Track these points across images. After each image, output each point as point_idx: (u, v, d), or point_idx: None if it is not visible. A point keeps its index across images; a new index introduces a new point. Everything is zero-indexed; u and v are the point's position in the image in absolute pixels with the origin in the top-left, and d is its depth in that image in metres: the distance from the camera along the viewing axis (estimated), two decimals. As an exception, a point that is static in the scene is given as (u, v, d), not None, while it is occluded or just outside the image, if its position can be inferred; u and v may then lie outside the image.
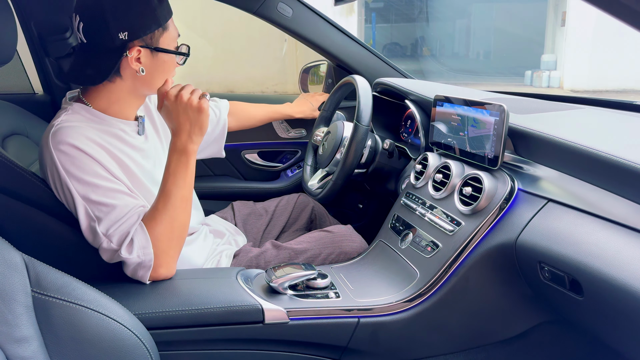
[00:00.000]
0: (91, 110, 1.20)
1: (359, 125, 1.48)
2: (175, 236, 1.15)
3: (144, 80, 1.20)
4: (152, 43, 1.17)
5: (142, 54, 1.17)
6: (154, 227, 1.12)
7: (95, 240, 1.12)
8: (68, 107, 1.19)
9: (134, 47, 1.15)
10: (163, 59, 1.20)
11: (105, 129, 1.19)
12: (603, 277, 0.88)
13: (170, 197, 1.14)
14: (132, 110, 1.27)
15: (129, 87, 1.21)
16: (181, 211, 1.15)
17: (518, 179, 1.16)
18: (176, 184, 1.15)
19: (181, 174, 1.16)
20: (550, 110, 1.36)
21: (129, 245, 1.10)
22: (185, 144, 1.16)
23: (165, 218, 1.13)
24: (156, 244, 1.12)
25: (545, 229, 1.03)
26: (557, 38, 11.82)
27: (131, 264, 1.11)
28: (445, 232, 1.22)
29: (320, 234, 1.46)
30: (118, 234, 1.10)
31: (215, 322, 1.09)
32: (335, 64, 2.13)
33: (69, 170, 1.10)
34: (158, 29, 1.17)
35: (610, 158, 0.95)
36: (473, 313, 1.20)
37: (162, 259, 1.13)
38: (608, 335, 1.00)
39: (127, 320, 0.89)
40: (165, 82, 1.20)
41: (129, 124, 1.26)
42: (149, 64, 1.18)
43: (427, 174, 1.39)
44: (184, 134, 1.16)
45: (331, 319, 1.15)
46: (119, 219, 1.10)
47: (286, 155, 2.19)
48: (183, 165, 1.16)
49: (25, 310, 0.80)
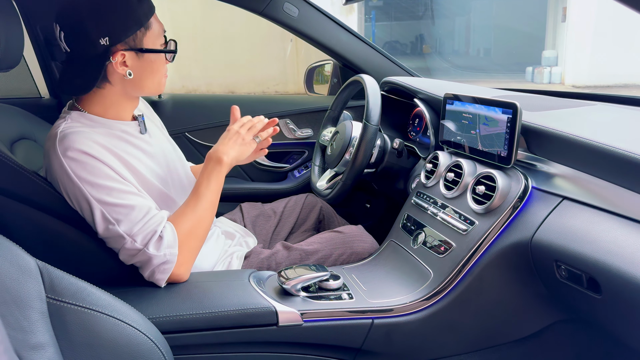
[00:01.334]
0: (88, 116, 1.19)
1: (368, 125, 1.47)
2: (199, 237, 1.18)
3: (133, 83, 1.19)
4: (136, 45, 1.16)
5: (127, 57, 1.15)
6: (182, 223, 1.16)
7: (116, 241, 1.11)
8: (66, 116, 1.18)
9: (118, 52, 1.14)
10: (150, 59, 1.19)
11: (108, 132, 1.19)
12: (622, 275, 0.87)
13: (201, 199, 1.20)
14: (129, 112, 1.26)
15: (120, 92, 1.20)
16: (208, 214, 1.20)
17: (532, 177, 1.15)
18: (209, 187, 1.21)
19: (214, 179, 1.22)
20: (562, 107, 1.35)
21: (157, 242, 1.11)
22: (223, 157, 1.24)
23: (193, 218, 1.17)
24: (183, 241, 1.14)
25: (561, 227, 1.02)
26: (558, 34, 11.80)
27: (155, 263, 1.11)
28: (459, 231, 1.21)
29: (331, 235, 1.45)
30: (143, 233, 1.10)
31: (229, 325, 1.08)
32: (341, 64, 2.12)
33: (81, 176, 1.09)
34: (140, 29, 1.15)
35: (627, 154, 0.95)
36: (487, 313, 1.19)
37: (183, 258, 1.14)
38: (626, 333, 0.99)
39: (141, 325, 0.88)
40: (232, 109, 1.34)
41: (129, 124, 1.25)
42: (135, 66, 1.17)
43: (438, 173, 1.38)
44: (226, 151, 1.25)
45: (345, 321, 1.14)
46: (140, 218, 1.11)
47: (293, 156, 2.18)
48: (217, 172, 1.23)
49: (40, 316, 0.79)
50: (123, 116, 1.25)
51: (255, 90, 9.56)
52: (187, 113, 2.13)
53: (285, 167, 2.16)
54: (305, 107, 2.17)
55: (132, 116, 1.28)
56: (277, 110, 2.14)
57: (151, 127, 1.34)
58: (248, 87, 9.58)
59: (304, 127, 2.15)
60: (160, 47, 1.21)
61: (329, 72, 2.29)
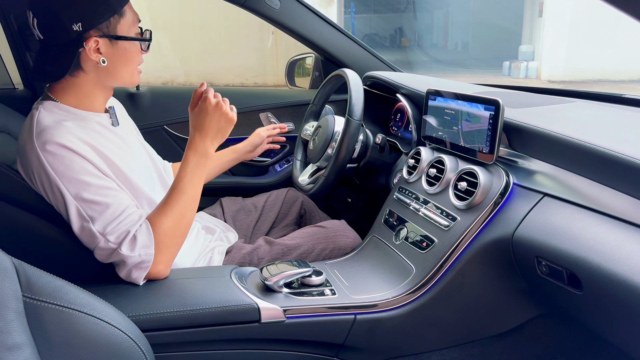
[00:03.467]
0: (62, 106, 1.16)
1: (351, 120, 1.46)
2: (180, 234, 1.15)
3: (107, 71, 1.17)
4: (109, 32, 1.13)
5: (101, 44, 1.13)
6: (162, 222, 1.12)
7: (91, 240, 1.08)
8: (39, 107, 1.15)
9: (91, 38, 1.11)
10: (124, 47, 1.16)
11: (83, 125, 1.15)
12: (603, 272, 0.88)
13: (183, 194, 1.16)
14: (101, 103, 1.23)
15: (93, 80, 1.17)
16: (190, 210, 1.17)
17: (513, 173, 1.16)
18: (192, 183, 1.17)
19: (198, 174, 1.18)
20: (543, 104, 1.36)
21: (131, 242, 1.08)
22: (208, 147, 1.19)
23: (174, 214, 1.14)
24: (162, 240, 1.11)
25: (542, 224, 1.03)
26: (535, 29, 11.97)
27: (130, 263, 1.08)
28: (441, 227, 1.21)
29: (313, 230, 1.44)
30: (116, 233, 1.07)
31: (210, 322, 1.07)
32: (323, 57, 2.11)
33: (59, 170, 1.06)
34: (113, 15, 1.13)
35: (608, 152, 0.96)
36: (469, 308, 1.20)
37: (163, 256, 1.12)
38: (607, 329, 1.01)
39: (121, 323, 0.87)
40: (201, 85, 1.23)
41: (102, 116, 1.22)
42: (109, 54, 1.15)
43: (420, 169, 1.38)
44: (208, 138, 1.19)
45: (328, 317, 1.13)
46: (115, 217, 1.08)
47: (274, 150, 2.16)
48: (201, 166, 1.18)
49: (16, 316, 0.77)
50: (96, 107, 1.22)
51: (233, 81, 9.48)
52: (166, 105, 2.10)
53: (266, 161, 2.14)
54: (287, 101, 2.15)
55: (104, 108, 1.25)
56: (259, 103, 2.12)
57: (122, 120, 1.31)
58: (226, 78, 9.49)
59: (285, 121, 2.13)
60: (134, 35, 1.18)
61: (311, 65, 2.28)
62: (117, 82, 1.21)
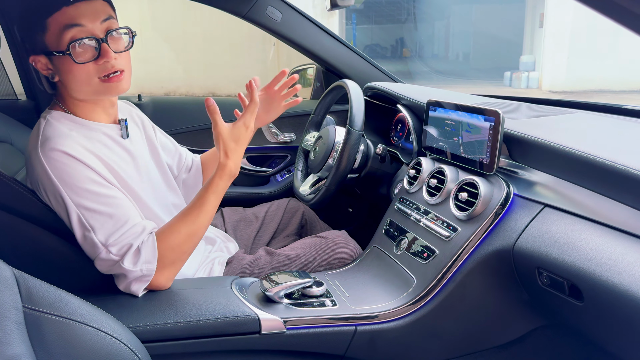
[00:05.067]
0: (69, 116, 1.17)
1: (352, 130, 1.46)
2: (187, 250, 1.15)
3: (66, 86, 1.15)
4: (43, 47, 1.12)
5: (45, 61, 1.13)
6: (173, 236, 1.12)
7: (92, 250, 1.08)
8: (47, 116, 1.15)
9: (33, 56, 1.13)
10: (60, 61, 1.11)
11: (90, 135, 1.16)
12: (604, 283, 0.88)
13: (202, 213, 1.15)
14: (103, 114, 1.22)
15: (67, 94, 1.17)
16: (204, 229, 1.17)
17: (513, 184, 1.16)
18: (214, 204, 1.17)
19: (220, 194, 1.18)
20: (543, 115, 1.37)
21: (134, 256, 1.08)
22: (236, 169, 1.19)
23: (188, 231, 1.13)
24: (168, 255, 1.11)
25: (543, 235, 1.03)
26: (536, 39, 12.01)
27: (131, 277, 1.08)
28: (442, 237, 1.21)
29: (314, 240, 1.44)
30: (119, 244, 1.07)
31: (211, 333, 1.07)
32: (324, 68, 2.12)
33: (62, 178, 1.07)
34: (37, 31, 1.11)
35: (608, 163, 0.96)
36: (470, 319, 1.20)
37: (167, 270, 1.12)
38: (608, 340, 1.00)
39: (121, 334, 0.87)
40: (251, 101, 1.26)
41: (111, 127, 1.22)
42: (55, 70, 1.14)
43: (421, 179, 1.39)
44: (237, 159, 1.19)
45: (328, 328, 1.13)
46: (118, 228, 1.08)
47: (276, 160, 2.17)
48: (224, 188, 1.19)
49: (16, 327, 0.77)
50: (102, 118, 1.21)
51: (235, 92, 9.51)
52: (168, 116, 2.11)
53: (268, 171, 2.15)
54: (288, 111, 2.15)
55: (113, 120, 1.25)
56: None
57: (133, 132, 1.31)
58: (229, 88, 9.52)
59: (286, 131, 2.14)
60: (64, 47, 1.08)
61: (312, 76, 2.29)
62: (82, 95, 1.16)
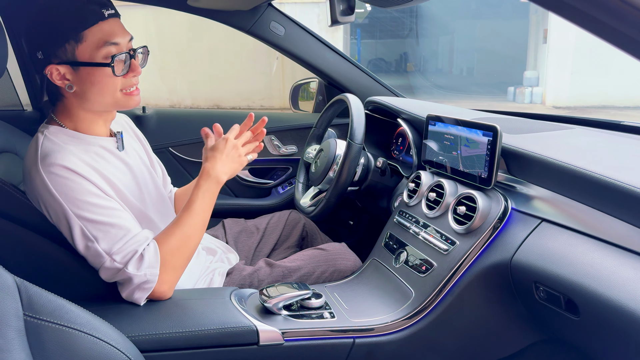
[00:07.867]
0: (66, 130, 1.18)
1: (352, 144, 1.48)
2: (186, 254, 1.18)
3: (81, 97, 1.16)
4: (68, 58, 1.13)
5: (65, 71, 1.13)
6: (169, 240, 1.15)
7: (96, 260, 1.10)
8: (44, 130, 1.17)
9: (51, 65, 1.12)
10: (87, 72, 1.13)
11: (87, 148, 1.18)
12: (599, 298, 0.88)
13: (193, 216, 1.19)
14: (103, 127, 1.24)
15: (77, 105, 1.18)
16: (198, 232, 1.20)
17: (511, 198, 1.17)
18: (202, 206, 1.21)
19: (208, 198, 1.22)
20: (541, 130, 1.38)
21: (138, 261, 1.10)
22: (219, 174, 1.24)
23: (181, 235, 1.17)
24: (168, 259, 1.13)
25: (540, 249, 1.04)
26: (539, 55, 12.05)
27: (136, 282, 1.10)
28: (440, 251, 1.22)
29: (314, 252, 1.45)
30: (123, 252, 1.09)
31: (209, 344, 1.07)
32: (326, 82, 2.14)
33: (64, 192, 1.08)
34: (68, 42, 1.11)
35: (605, 180, 0.97)
36: (468, 333, 1.20)
37: (168, 275, 1.13)
38: (604, 355, 1.00)
39: (120, 344, 0.87)
40: (214, 126, 1.33)
41: (107, 140, 1.24)
42: (76, 80, 1.14)
43: (420, 193, 1.40)
44: (219, 166, 1.25)
45: (326, 340, 1.13)
46: (120, 237, 1.10)
47: (277, 172, 2.18)
48: (212, 192, 1.23)
49: (17, 334, 0.78)
50: (99, 131, 1.23)
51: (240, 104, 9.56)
52: (171, 128, 2.13)
53: (269, 183, 2.16)
54: (290, 124, 2.18)
55: (109, 132, 1.27)
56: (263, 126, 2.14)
57: (129, 144, 1.33)
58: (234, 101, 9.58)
59: (288, 144, 2.16)
60: (102, 60, 1.13)
61: (314, 90, 2.31)
62: (98, 107, 1.19)
